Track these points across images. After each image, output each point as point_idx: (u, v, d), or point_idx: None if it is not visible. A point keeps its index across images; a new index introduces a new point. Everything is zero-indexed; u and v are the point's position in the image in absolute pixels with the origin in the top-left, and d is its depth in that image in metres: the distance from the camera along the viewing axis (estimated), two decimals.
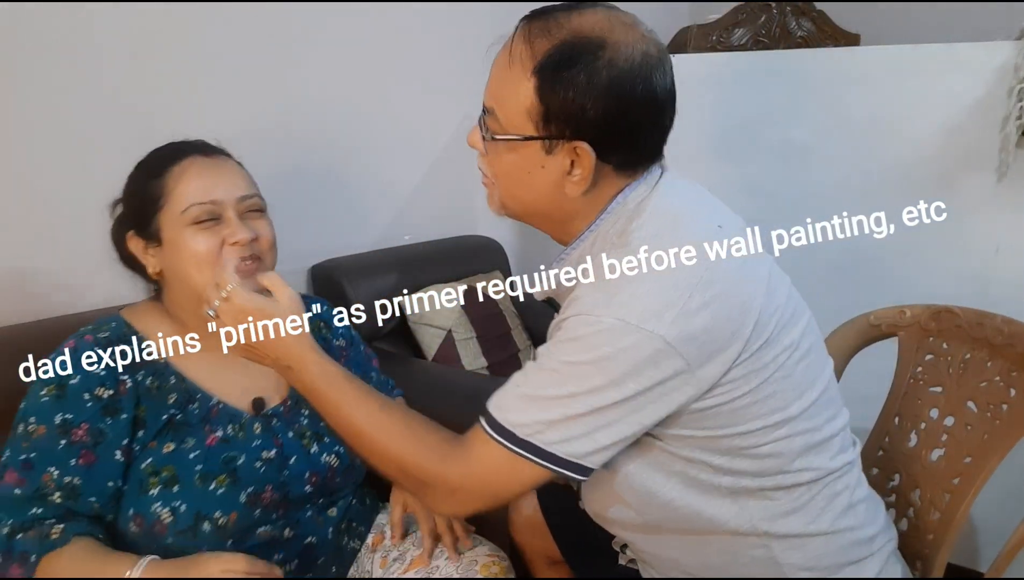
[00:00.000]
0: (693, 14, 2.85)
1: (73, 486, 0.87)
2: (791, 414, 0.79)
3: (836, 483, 0.85)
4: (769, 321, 0.77)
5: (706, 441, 0.79)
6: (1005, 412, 1.00)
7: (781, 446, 0.80)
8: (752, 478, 0.81)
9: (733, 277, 0.76)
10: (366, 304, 1.70)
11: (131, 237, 0.97)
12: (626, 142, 0.79)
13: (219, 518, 0.90)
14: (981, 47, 1.44)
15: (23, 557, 0.82)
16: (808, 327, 0.84)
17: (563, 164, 0.79)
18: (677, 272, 0.74)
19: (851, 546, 0.86)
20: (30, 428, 0.88)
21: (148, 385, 0.94)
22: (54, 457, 0.87)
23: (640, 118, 0.78)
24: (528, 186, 0.82)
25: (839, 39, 2.41)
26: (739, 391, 0.76)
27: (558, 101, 0.76)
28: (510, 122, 0.79)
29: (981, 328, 1.06)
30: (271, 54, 1.60)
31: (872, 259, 1.59)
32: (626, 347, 0.72)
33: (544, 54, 0.76)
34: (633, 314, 0.72)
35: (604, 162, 0.79)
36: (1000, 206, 1.46)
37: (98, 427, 0.89)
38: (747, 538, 0.84)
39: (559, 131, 0.77)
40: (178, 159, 0.96)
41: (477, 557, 1.01)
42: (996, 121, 1.43)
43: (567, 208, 0.82)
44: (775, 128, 1.67)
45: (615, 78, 0.75)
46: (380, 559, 1.06)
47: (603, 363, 0.73)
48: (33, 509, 0.86)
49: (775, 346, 0.77)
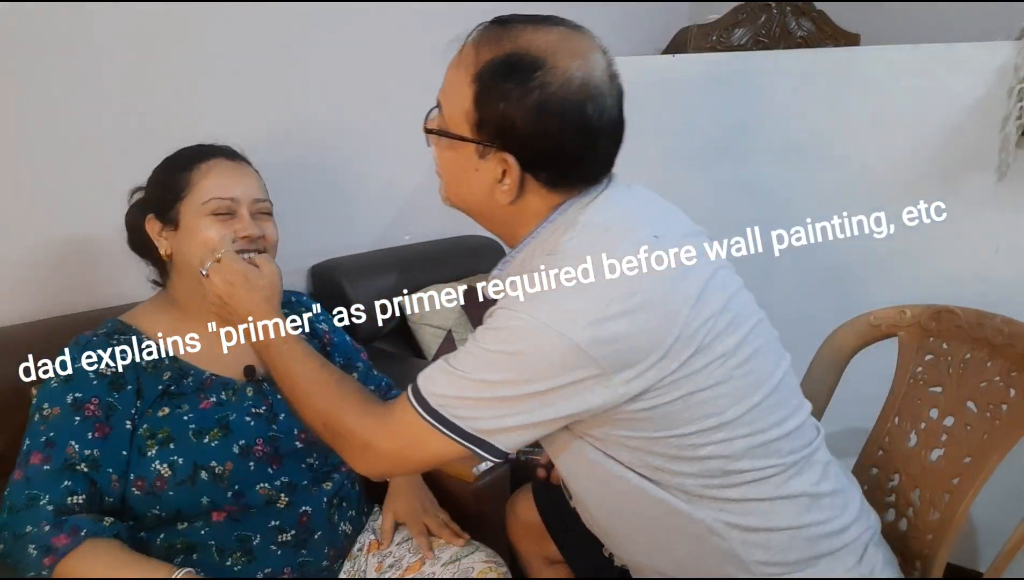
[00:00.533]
0: (693, 14, 2.85)
1: (94, 458, 0.93)
2: (727, 419, 0.80)
3: (791, 482, 0.85)
4: (697, 332, 0.78)
5: (644, 442, 0.81)
6: (1005, 412, 1.00)
7: (720, 449, 0.81)
8: (695, 479, 0.82)
9: (657, 288, 0.77)
10: (366, 304, 1.71)
11: (150, 220, 1.06)
12: (552, 162, 0.81)
13: (215, 467, 0.97)
14: (981, 47, 1.44)
15: (74, 530, 0.86)
16: (752, 333, 0.84)
17: (495, 171, 0.81)
18: (598, 280, 0.76)
19: (819, 539, 0.86)
20: (45, 413, 0.94)
21: (144, 365, 1.01)
22: (72, 432, 0.93)
23: (567, 143, 0.79)
24: (466, 185, 0.85)
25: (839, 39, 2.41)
26: (669, 397, 0.78)
27: (490, 110, 0.79)
28: (451, 121, 0.83)
29: (981, 328, 1.06)
30: (271, 54, 1.61)
31: (872, 259, 1.59)
32: (539, 346, 0.74)
33: (485, 63, 0.79)
34: (550, 316, 0.74)
35: (532, 177, 0.81)
36: (1000, 206, 1.46)
37: (108, 401, 0.96)
38: (709, 537, 0.84)
39: (490, 139, 0.80)
40: (206, 158, 1.06)
41: (474, 563, 1.02)
42: (996, 121, 1.43)
43: (501, 214, 0.85)
44: (775, 128, 1.67)
45: (545, 100, 0.77)
46: (376, 564, 1.07)
47: (517, 358, 0.76)
48: (65, 481, 0.90)
49: (706, 354, 0.78)
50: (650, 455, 0.82)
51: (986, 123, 1.44)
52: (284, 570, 1.00)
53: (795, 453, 0.85)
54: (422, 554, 1.06)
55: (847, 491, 0.92)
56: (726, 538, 0.84)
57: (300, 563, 1.02)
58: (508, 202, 0.83)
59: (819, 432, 0.93)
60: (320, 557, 1.04)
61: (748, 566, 0.85)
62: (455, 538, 1.07)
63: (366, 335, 1.73)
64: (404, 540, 1.09)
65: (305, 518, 1.03)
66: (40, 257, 1.30)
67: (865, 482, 1.16)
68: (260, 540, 0.99)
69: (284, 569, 1.00)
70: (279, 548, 1.00)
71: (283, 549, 1.00)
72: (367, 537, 1.12)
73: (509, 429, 0.78)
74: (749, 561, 0.85)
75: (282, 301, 1.19)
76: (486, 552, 1.06)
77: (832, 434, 1.32)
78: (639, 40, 2.64)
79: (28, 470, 0.90)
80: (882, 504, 1.13)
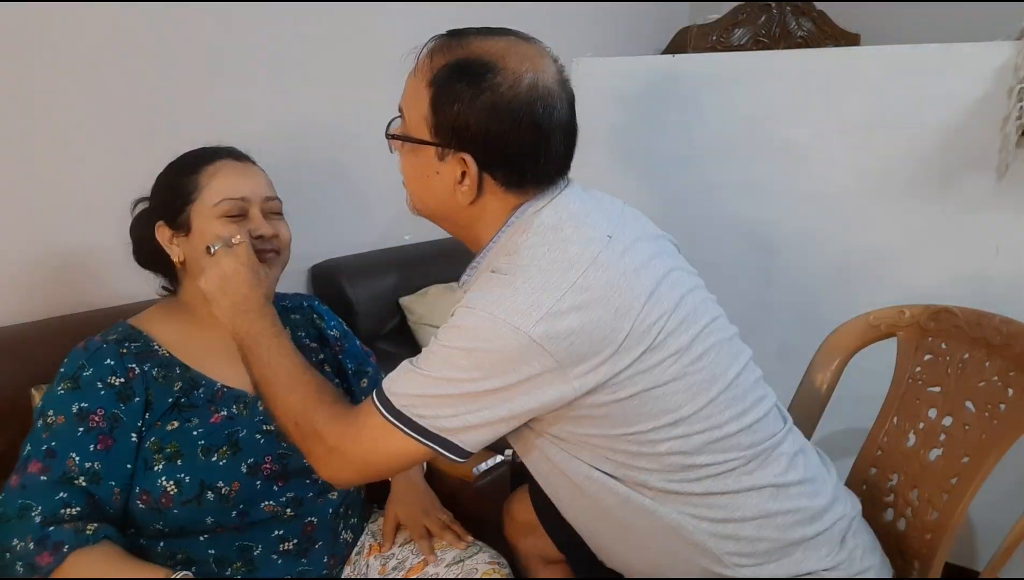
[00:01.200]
0: (693, 14, 2.85)
1: (95, 471, 0.91)
2: (683, 415, 0.82)
3: (754, 474, 0.86)
4: (650, 329, 0.80)
5: (604, 440, 0.83)
6: (1003, 412, 1.00)
7: (679, 444, 0.83)
8: (658, 475, 0.84)
9: (609, 285, 0.79)
10: (366, 304, 1.73)
11: (160, 227, 1.04)
12: (507, 161, 0.84)
13: (222, 487, 0.95)
14: (981, 47, 1.44)
15: (56, 547, 0.85)
16: (706, 331, 0.86)
17: (454, 172, 0.84)
18: (551, 276, 0.79)
19: (789, 528, 0.87)
20: (49, 420, 0.93)
21: (154, 374, 1.00)
22: (74, 443, 0.92)
23: (519, 142, 0.82)
24: (429, 189, 0.88)
25: (839, 39, 2.41)
26: (624, 393, 0.80)
27: (446, 113, 0.82)
28: (412, 126, 0.86)
29: (980, 328, 1.07)
30: (273, 55, 1.61)
31: (872, 259, 1.59)
32: (495, 341, 0.77)
33: (440, 68, 0.83)
34: (503, 311, 0.77)
35: (489, 176, 0.84)
36: (1000, 206, 1.46)
37: (113, 412, 0.95)
38: (679, 532, 0.86)
39: (447, 140, 0.83)
40: (213, 160, 1.04)
41: (477, 565, 1.02)
42: (996, 121, 1.43)
43: (463, 217, 0.88)
44: (775, 128, 1.66)
45: (496, 100, 0.81)
46: (380, 566, 1.07)
47: (475, 354, 0.78)
48: (60, 493, 0.89)
49: (659, 351, 0.80)
50: (611, 452, 0.84)
51: (986, 123, 1.44)
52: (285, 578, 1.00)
53: (756, 446, 0.87)
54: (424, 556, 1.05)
55: (818, 479, 0.93)
56: (695, 532, 0.85)
57: (299, 572, 1.01)
58: (468, 203, 0.86)
59: (786, 422, 0.94)
60: (320, 567, 1.04)
61: (720, 558, 0.86)
62: (457, 541, 1.06)
63: (367, 335, 1.73)
64: (407, 541, 1.09)
65: (310, 528, 1.02)
66: (41, 256, 1.30)
67: (864, 482, 1.16)
68: (262, 550, 0.98)
69: (285, 578, 1.00)
70: (280, 558, 1.00)
71: (284, 558, 1.00)
72: (367, 539, 1.12)
73: (471, 427, 0.80)
74: (721, 554, 0.86)
75: (294, 305, 1.20)
76: (490, 553, 1.06)
77: (831, 434, 1.33)
78: (639, 40, 2.64)
79: (24, 478, 0.90)
80: (880, 504, 1.13)
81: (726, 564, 0.86)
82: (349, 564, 1.10)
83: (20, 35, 1.23)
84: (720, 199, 1.74)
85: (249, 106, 1.58)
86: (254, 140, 1.15)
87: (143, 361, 0.99)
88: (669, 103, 1.74)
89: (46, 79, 1.27)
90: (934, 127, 1.51)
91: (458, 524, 1.10)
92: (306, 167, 1.73)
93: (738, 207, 1.72)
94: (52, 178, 1.30)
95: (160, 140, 1.11)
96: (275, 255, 1.05)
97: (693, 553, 0.87)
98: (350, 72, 1.79)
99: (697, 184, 1.75)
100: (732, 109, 1.70)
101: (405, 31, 1.89)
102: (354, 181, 1.86)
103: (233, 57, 1.53)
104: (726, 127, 1.71)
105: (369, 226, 1.93)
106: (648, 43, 2.67)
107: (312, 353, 1.16)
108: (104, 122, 1.35)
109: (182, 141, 1.09)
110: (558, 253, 0.80)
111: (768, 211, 1.68)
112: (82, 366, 0.96)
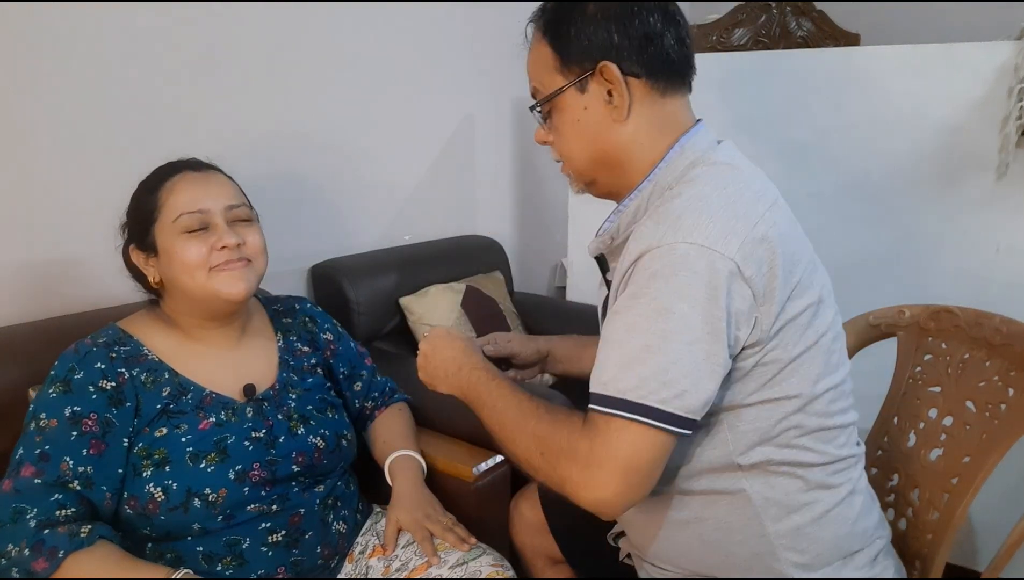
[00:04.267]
0: (693, 14, 2.84)
1: (88, 475, 0.91)
2: (815, 391, 0.83)
3: (837, 475, 0.87)
4: (812, 286, 0.82)
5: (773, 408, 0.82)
6: (1003, 412, 1.00)
7: (797, 419, 0.83)
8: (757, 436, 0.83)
9: (789, 229, 0.82)
10: (366, 304, 1.72)
11: (133, 250, 1.04)
12: (641, 45, 0.85)
13: (209, 494, 0.95)
14: (981, 47, 1.44)
15: (52, 552, 0.85)
16: (835, 319, 0.89)
17: (601, 95, 0.86)
18: (738, 204, 0.78)
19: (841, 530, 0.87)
20: (42, 423, 0.92)
21: (143, 379, 0.99)
22: (68, 447, 0.91)
23: (639, 23, 0.85)
24: (585, 134, 0.88)
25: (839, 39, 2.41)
26: (795, 346, 0.80)
27: (567, 41, 0.86)
28: (546, 86, 0.90)
29: (980, 328, 1.06)
30: (272, 55, 1.61)
31: (872, 259, 1.59)
32: (701, 270, 0.74)
33: (542, 24, 0.90)
34: (702, 237, 0.75)
35: (633, 77, 0.86)
36: (1000, 206, 1.46)
37: (106, 417, 0.94)
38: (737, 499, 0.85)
39: (582, 66, 0.86)
40: (171, 175, 1.03)
41: (481, 567, 1.01)
42: (996, 121, 1.43)
43: (627, 148, 0.88)
44: (775, 128, 1.67)
45: (600, 2, 0.85)
46: (383, 568, 1.07)
47: (684, 290, 0.74)
48: (55, 495, 0.88)
49: (820, 316, 0.83)
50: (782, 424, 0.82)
51: (986, 123, 1.44)
52: (278, 570, 1.00)
53: (846, 448, 0.88)
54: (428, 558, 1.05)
55: (874, 498, 0.95)
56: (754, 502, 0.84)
57: (292, 562, 1.01)
58: (624, 119, 0.86)
59: (859, 446, 0.94)
60: (313, 556, 1.04)
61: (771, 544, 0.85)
62: (460, 543, 1.06)
63: (366, 335, 1.73)
64: (410, 543, 1.08)
65: (297, 519, 1.02)
66: (40, 257, 1.30)
67: None
68: (250, 543, 0.98)
69: (278, 569, 1.00)
70: (269, 549, 0.99)
71: (274, 550, 1.00)
72: (370, 540, 1.12)
73: (698, 385, 0.75)
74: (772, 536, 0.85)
75: (287, 307, 1.20)
76: (493, 555, 1.05)
77: None
78: None
79: (18, 482, 0.89)
80: (882, 504, 1.12)
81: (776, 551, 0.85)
82: (351, 562, 1.10)
83: (14, 38, 1.23)
84: None
85: (249, 106, 1.58)
86: (255, 140, 1.16)
87: (132, 366, 0.99)
88: None
89: (42, 82, 1.27)
90: (934, 127, 1.51)
91: (461, 526, 1.10)
92: (307, 167, 1.73)
93: None
94: (51, 180, 1.30)
95: (160, 142, 1.11)
96: (246, 264, 1.02)
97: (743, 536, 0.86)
98: (351, 72, 1.79)
99: None
100: (732, 109, 1.70)
101: (405, 32, 1.89)
102: (355, 181, 1.86)
103: (232, 58, 1.53)
104: (726, 127, 1.71)
105: (369, 226, 1.93)
106: None
107: (304, 357, 1.16)
108: (103, 124, 1.35)
109: (182, 142, 1.09)
110: (742, 187, 0.81)
111: None
112: (72, 369, 0.96)
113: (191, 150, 1.09)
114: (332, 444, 1.09)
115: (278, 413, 1.06)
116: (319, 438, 1.07)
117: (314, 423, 1.08)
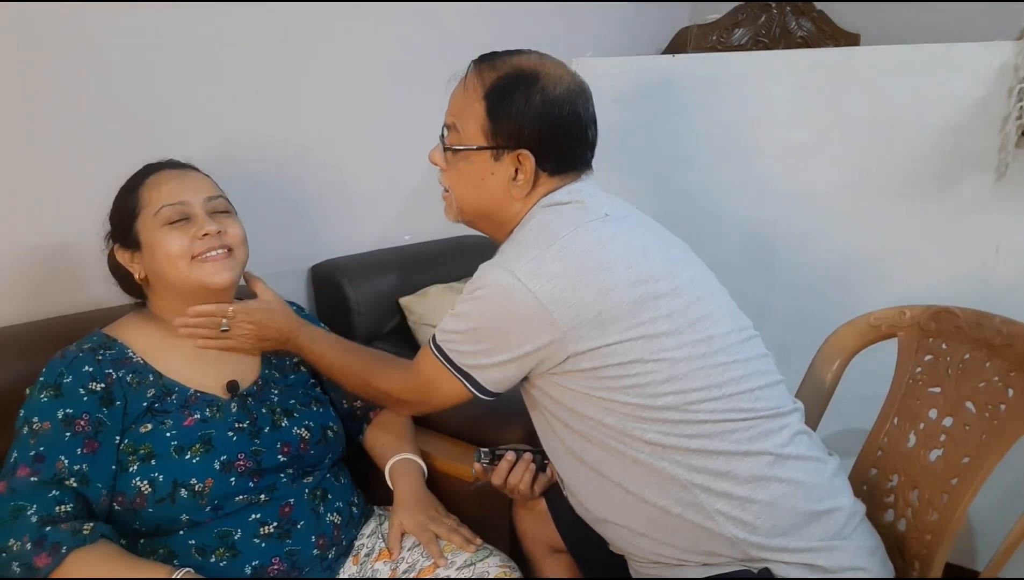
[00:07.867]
0: (693, 14, 2.85)
1: (83, 473, 0.93)
2: (678, 372, 0.90)
3: (756, 440, 0.91)
4: (635, 287, 0.89)
5: (606, 392, 0.91)
6: (1003, 412, 1.00)
7: (674, 399, 0.90)
8: (658, 426, 0.90)
9: (596, 242, 0.91)
10: (366, 304, 1.72)
11: (117, 249, 1.08)
12: (558, 151, 0.97)
13: (195, 484, 0.97)
14: (981, 47, 1.44)
15: (54, 548, 0.85)
16: (705, 299, 0.95)
17: (508, 170, 0.97)
18: (544, 234, 0.93)
19: (783, 498, 0.90)
20: (35, 427, 0.94)
21: (128, 380, 1.01)
22: (62, 447, 0.93)
23: (568, 133, 0.97)
24: (482, 192, 0.99)
25: (839, 39, 2.42)
26: (614, 339, 0.89)
27: (504, 118, 0.95)
28: (467, 136, 0.98)
29: (980, 329, 1.07)
30: (271, 55, 1.61)
31: (872, 259, 1.59)
32: (493, 287, 0.91)
33: (491, 82, 0.96)
34: (507, 261, 0.91)
35: (541, 168, 0.97)
36: (1000, 206, 1.46)
37: (97, 417, 0.96)
38: (672, 483, 0.91)
39: (504, 142, 0.96)
40: (151, 173, 1.08)
41: (488, 568, 1.01)
42: (996, 121, 1.43)
43: (510, 211, 1.00)
44: (775, 128, 1.67)
45: (548, 101, 0.95)
46: (390, 570, 1.06)
47: (481, 301, 0.93)
48: (52, 492, 0.89)
49: (649, 310, 0.90)
50: (613, 404, 0.91)
51: (986, 123, 1.44)
52: (273, 560, 0.99)
53: (758, 413, 0.92)
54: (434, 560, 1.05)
55: (821, 461, 0.96)
56: (688, 486, 0.90)
57: (287, 552, 1.01)
58: (523, 195, 0.98)
59: (795, 405, 0.99)
60: (308, 546, 1.03)
61: (711, 515, 0.90)
62: (466, 544, 1.06)
63: (366, 335, 1.73)
64: (415, 545, 1.08)
65: (287, 509, 1.03)
66: (39, 257, 1.30)
67: (864, 483, 1.16)
68: (241, 535, 0.99)
69: (273, 559, 0.99)
70: (262, 540, 1.00)
71: (266, 541, 1.00)
72: (376, 543, 1.11)
73: (488, 366, 0.93)
74: (712, 511, 0.90)
75: None
76: (500, 556, 1.05)
77: (832, 434, 1.33)
78: (639, 40, 2.64)
79: (13, 482, 0.90)
80: (881, 505, 1.13)
81: (717, 523, 0.89)
82: (356, 563, 1.09)
83: (9, 37, 1.22)
84: (720, 199, 1.74)
85: (249, 105, 1.58)
86: (254, 140, 1.16)
87: (118, 367, 1.01)
88: (669, 103, 1.74)
89: (39, 83, 1.27)
90: (934, 127, 1.51)
91: (465, 528, 1.10)
92: (307, 167, 1.73)
93: (738, 207, 1.72)
94: (50, 180, 1.30)
95: (160, 143, 1.11)
96: (227, 253, 1.05)
97: (686, 510, 0.91)
98: (351, 72, 1.79)
99: (697, 184, 1.75)
100: (732, 109, 1.70)
101: (405, 35, 1.89)
102: (355, 181, 1.85)
103: (231, 55, 1.53)
104: (726, 127, 1.71)
105: (369, 226, 1.93)
106: (648, 43, 2.67)
107: (288, 356, 1.19)
108: (103, 124, 1.35)
109: (183, 144, 1.09)
110: (554, 218, 0.94)
111: (768, 211, 1.68)
112: (61, 374, 0.97)
113: (191, 151, 1.09)
114: (317, 435, 1.10)
115: (262, 407, 1.08)
116: (303, 429, 1.09)
117: (298, 416, 1.11)
